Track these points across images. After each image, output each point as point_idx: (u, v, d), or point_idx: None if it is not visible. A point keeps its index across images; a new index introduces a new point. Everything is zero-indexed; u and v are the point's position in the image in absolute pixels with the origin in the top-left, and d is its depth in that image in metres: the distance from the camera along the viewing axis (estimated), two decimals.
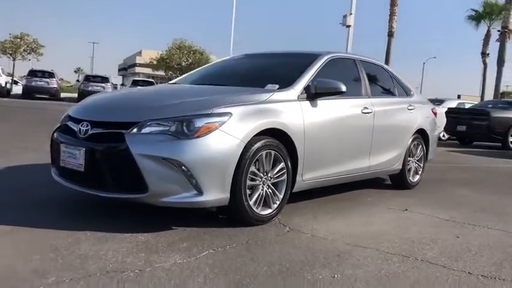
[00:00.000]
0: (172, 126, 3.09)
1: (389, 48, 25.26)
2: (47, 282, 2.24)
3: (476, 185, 6.22)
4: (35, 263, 2.48)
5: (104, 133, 3.20)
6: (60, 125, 3.63)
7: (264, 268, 2.61)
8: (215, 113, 3.18)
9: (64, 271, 2.39)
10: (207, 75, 4.71)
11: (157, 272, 2.46)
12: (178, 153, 3.00)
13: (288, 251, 2.95)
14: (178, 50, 37.03)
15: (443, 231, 3.67)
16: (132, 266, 2.53)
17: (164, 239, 3.01)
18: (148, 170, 2.99)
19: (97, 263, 2.53)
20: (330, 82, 3.94)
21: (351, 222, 3.81)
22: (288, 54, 4.91)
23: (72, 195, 3.97)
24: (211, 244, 2.97)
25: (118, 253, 2.70)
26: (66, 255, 2.61)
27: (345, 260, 2.84)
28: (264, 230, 3.35)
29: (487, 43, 29.98)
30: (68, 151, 3.28)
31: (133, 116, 3.18)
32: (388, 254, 3.00)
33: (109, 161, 3.11)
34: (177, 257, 2.71)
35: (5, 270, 2.37)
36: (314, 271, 2.61)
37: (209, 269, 2.56)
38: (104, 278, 2.34)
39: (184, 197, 3.07)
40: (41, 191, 4.15)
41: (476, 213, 4.39)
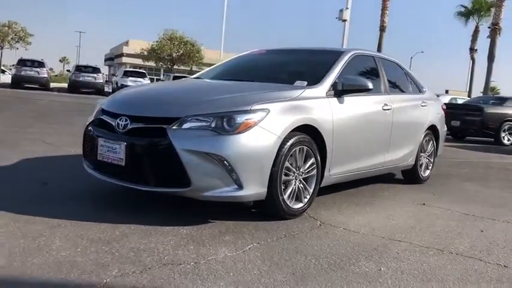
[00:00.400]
0: (213, 122, 3.15)
1: (381, 42, 25.50)
2: (111, 274, 2.31)
3: (481, 180, 6.40)
4: (93, 256, 2.54)
5: (145, 128, 3.26)
6: (94, 119, 3.66)
7: (312, 261, 2.71)
8: (254, 109, 3.25)
9: (123, 264, 2.45)
10: (232, 71, 4.77)
11: (212, 264, 2.54)
12: (221, 148, 3.07)
13: (327, 244, 3.05)
14: (169, 41, 36.81)
15: (466, 225, 3.81)
16: (186, 258, 2.60)
17: (206, 232, 3.08)
18: (191, 164, 3.06)
19: (151, 256, 2.60)
20: (357, 79, 4.04)
21: (375, 216, 3.92)
22: (311, 51, 4.99)
23: (105, 189, 4.04)
24: (252, 237, 3.05)
25: (167, 246, 2.77)
26: (119, 248, 2.68)
27: (384, 253, 2.95)
28: (297, 224, 3.44)
29: (475, 39, 30.43)
30: (107, 145, 3.32)
31: (174, 112, 3.24)
32: (423, 248, 3.12)
33: (151, 155, 3.17)
34: (225, 249, 2.79)
35: (66, 261, 2.43)
36: (360, 264, 2.72)
37: (260, 261, 2.64)
38: (164, 270, 2.41)
39: (224, 192, 3.14)
40: (75, 184, 4.19)
41: (491, 208, 4.54)
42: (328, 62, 4.28)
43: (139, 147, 3.20)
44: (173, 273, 2.38)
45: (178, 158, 3.05)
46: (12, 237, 2.74)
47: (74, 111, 13.18)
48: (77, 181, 4.30)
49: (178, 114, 3.20)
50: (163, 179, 3.18)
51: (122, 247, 2.70)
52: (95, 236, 2.86)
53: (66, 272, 2.31)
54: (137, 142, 3.21)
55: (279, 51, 5.16)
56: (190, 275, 2.38)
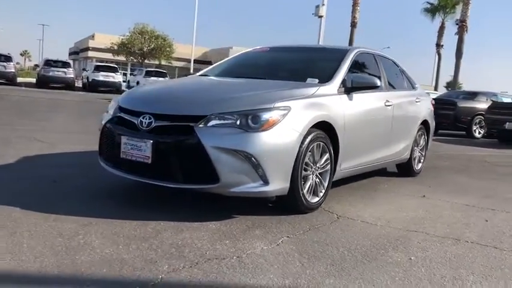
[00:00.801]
0: (239, 119, 3.23)
1: (352, 38, 25.92)
2: (163, 270, 2.36)
3: (467, 172, 6.71)
4: (137, 252, 2.58)
5: (171, 126, 3.30)
6: (113, 116, 3.67)
7: (345, 253, 2.83)
8: (277, 106, 3.34)
9: (170, 259, 2.51)
10: (241, 68, 4.83)
11: (254, 258, 2.63)
12: (249, 145, 3.15)
13: (351, 236, 3.18)
14: (140, 35, 36.29)
15: (470, 215, 4.01)
16: (227, 252, 2.67)
17: (234, 227, 3.16)
18: (220, 161, 3.12)
19: (193, 251, 2.66)
20: (366, 77, 4.19)
21: (384, 208, 4.08)
22: (314, 49, 5.12)
23: (121, 186, 4.08)
24: (279, 231, 3.15)
25: (203, 241, 2.84)
26: (159, 245, 2.73)
27: (407, 244, 3.10)
28: (317, 217, 3.56)
29: (441, 35, 31.31)
30: (131, 143, 3.35)
31: (200, 110, 3.30)
32: (439, 238, 3.29)
33: (179, 153, 3.21)
34: (260, 243, 2.88)
35: (113, 259, 2.46)
36: (390, 254, 2.86)
37: (298, 254, 2.75)
38: (211, 264, 2.48)
39: (251, 187, 3.23)
40: (89, 182, 4.19)
41: (486, 199, 4.78)
42: (335, 60, 4.40)
43: (167, 145, 3.24)
44: (221, 268, 2.45)
45: (207, 155, 3.11)
46: (49, 236, 2.75)
47: (51, 107, 12.92)
48: (90, 179, 4.31)
49: (204, 112, 3.26)
50: (191, 175, 3.24)
51: (161, 243, 2.75)
52: (129, 233, 2.89)
53: (118, 269, 2.35)
54: (164, 140, 3.25)
55: (283, 48, 5.25)
56: (237, 268, 2.46)
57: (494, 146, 12.13)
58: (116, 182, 4.13)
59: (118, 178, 4.03)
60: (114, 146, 3.50)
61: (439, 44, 31.34)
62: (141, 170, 3.38)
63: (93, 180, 4.24)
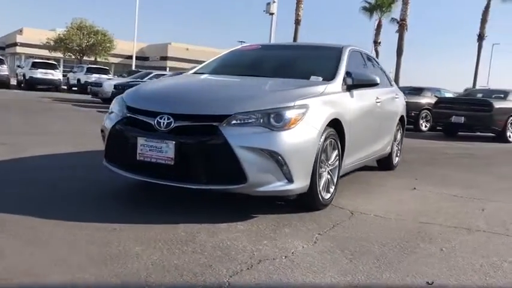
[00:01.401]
0: (262, 118, 3.21)
1: (296, 35, 26.33)
2: (223, 274, 2.32)
3: (438, 165, 7.07)
4: (186, 257, 2.51)
5: (193, 126, 3.22)
6: (122, 117, 3.52)
7: (381, 247, 2.90)
8: (297, 105, 3.35)
9: (223, 262, 2.47)
10: (240, 66, 4.76)
11: (302, 257, 2.64)
12: (276, 144, 3.14)
13: (376, 231, 3.26)
14: (78, 30, 34.70)
15: (467, 206, 4.24)
16: (272, 253, 2.66)
17: (262, 227, 3.15)
18: (247, 161, 3.09)
19: (240, 253, 2.62)
20: (366, 75, 4.30)
21: (384, 201, 4.21)
22: (308, 47, 5.16)
23: (122, 188, 3.96)
24: (307, 229, 3.17)
25: (242, 242, 2.81)
26: (202, 248, 2.67)
27: (429, 235, 3.22)
28: (333, 213, 3.61)
29: (378, 33, 32.55)
30: (150, 145, 3.23)
31: (222, 109, 3.24)
32: (452, 228, 3.45)
33: (205, 153, 3.15)
34: (299, 242, 2.88)
35: (166, 264, 2.38)
36: (422, 246, 2.97)
37: (340, 251, 2.78)
38: (266, 265, 2.47)
39: (277, 186, 3.22)
40: (88, 186, 4.00)
41: (470, 189, 5.05)
42: (332, 58, 4.48)
43: (191, 146, 3.16)
44: (278, 268, 2.44)
45: (234, 155, 3.07)
46: (81, 244, 2.62)
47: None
48: (87, 182, 4.12)
49: (227, 111, 3.21)
50: (217, 176, 3.18)
51: (203, 246, 2.69)
52: (163, 237, 2.81)
53: (178, 275, 2.28)
54: (188, 141, 3.16)
55: (275, 46, 5.28)
56: (293, 268, 2.46)
57: (442, 138, 12.81)
58: (117, 184, 4.02)
59: (117, 180, 3.98)
60: (128, 148, 3.36)
61: (376, 41, 32.58)
62: (162, 172, 3.27)
63: (91, 184, 4.06)
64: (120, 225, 2.98)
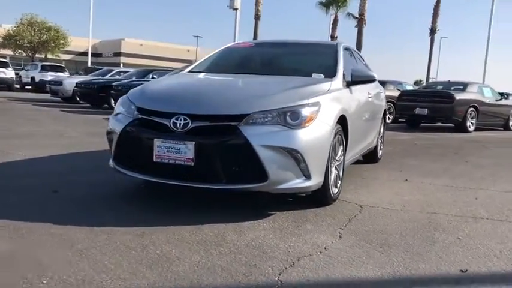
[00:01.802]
0: (280, 116, 3.26)
1: (257, 30, 26.41)
2: (270, 272, 2.36)
3: (415, 156, 7.35)
4: (225, 257, 2.53)
5: (212, 126, 3.22)
6: (133, 119, 3.46)
7: (403, 238, 3.03)
8: (311, 102, 3.42)
9: (265, 261, 2.50)
10: (238, 64, 4.76)
11: (336, 252, 2.71)
12: (295, 142, 3.20)
13: (391, 223, 3.38)
14: (29, 26, 33.24)
15: (460, 195, 4.45)
16: (306, 249, 2.72)
17: (285, 224, 3.20)
18: (268, 159, 3.13)
19: (276, 251, 2.67)
20: (364, 71, 4.41)
21: (384, 193, 4.35)
22: (302, 44, 5.23)
23: (126, 191, 3.90)
24: (327, 224, 3.25)
25: (274, 240, 2.86)
26: (236, 247, 2.69)
27: (440, 225, 3.37)
28: (343, 207, 3.71)
29: (335, 27, 33.08)
30: (168, 146, 3.21)
31: (240, 109, 3.26)
32: (459, 217, 3.62)
33: (225, 153, 3.16)
34: (326, 237, 2.96)
35: (209, 266, 2.39)
36: (440, 237, 3.11)
37: (368, 244, 2.88)
38: (307, 262, 2.52)
39: (296, 183, 3.28)
40: (92, 190, 3.91)
41: (456, 179, 5.30)
42: (328, 55, 4.58)
43: (212, 146, 3.16)
44: (319, 264, 2.51)
45: (255, 154, 3.10)
46: (120, 250, 2.58)
47: None
48: (90, 186, 4.05)
49: (245, 111, 3.23)
50: (238, 176, 3.21)
51: (236, 246, 2.72)
52: (194, 238, 2.82)
53: (228, 276, 2.30)
54: (208, 141, 3.17)
55: (269, 43, 5.29)
56: (334, 263, 2.53)
57: (406, 129, 13.25)
58: (123, 187, 3.97)
59: (123, 183, 3.97)
60: (143, 150, 3.33)
61: (333, 36, 33.06)
62: (181, 173, 3.25)
63: (95, 187, 4.00)
64: (145, 228, 2.96)
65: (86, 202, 3.56)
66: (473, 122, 13.20)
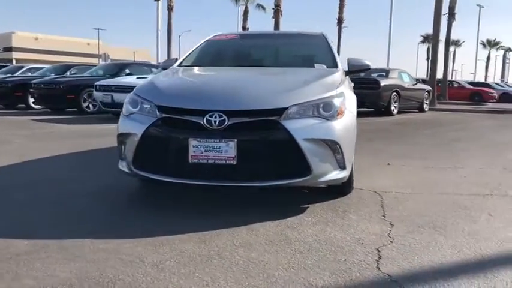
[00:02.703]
0: (314, 108, 3.21)
1: (170, 22, 25.78)
2: (365, 265, 2.34)
3: (371, 140, 7.63)
4: (310, 256, 2.47)
5: (251, 122, 3.10)
6: (157, 118, 3.21)
7: (447, 219, 3.15)
8: (338, 93, 3.42)
9: (349, 256, 2.48)
10: (234, 57, 4.60)
11: (403, 238, 2.76)
12: (334, 133, 3.18)
13: (418, 206, 3.50)
14: None
15: (446, 175, 4.73)
16: (375, 239, 2.73)
17: (328, 216, 3.19)
18: (311, 153, 3.08)
19: (348, 244, 2.65)
20: (361, 60, 4.48)
21: (383, 178, 4.47)
22: (286, 35, 5.19)
23: (150, 193, 3.67)
24: (365, 213, 3.28)
25: (336, 234, 2.84)
26: (307, 245, 2.64)
27: (464, 204, 3.55)
28: (362, 195, 3.78)
29: (246, 18, 33.33)
30: (206, 145, 3.03)
31: (278, 102, 3.16)
32: (465, 195, 3.84)
33: (269, 149, 3.05)
34: (377, 226, 2.99)
35: (303, 267, 2.32)
36: (474, 215, 3.28)
37: (422, 228, 2.96)
38: (388, 251, 2.54)
39: (334, 175, 3.26)
40: (109, 197, 3.59)
41: (429, 160, 5.63)
42: (320, 45, 4.63)
43: (254, 143, 3.04)
44: (404, 251, 2.53)
45: (299, 148, 3.04)
46: (193, 260, 2.41)
47: None
48: (100, 194, 3.71)
49: (283, 104, 3.14)
50: (282, 171, 3.12)
51: (306, 243, 2.67)
52: (259, 239, 2.72)
53: (332, 276, 2.24)
54: (250, 138, 3.04)
55: (255, 35, 5.19)
56: (416, 249, 2.57)
57: None
58: (134, 191, 3.70)
59: (131, 187, 3.66)
60: (175, 151, 3.12)
61: (244, 27, 33.29)
62: (221, 173, 3.09)
63: (106, 194, 3.68)
64: (198, 234, 2.79)
65: (108, 212, 3.27)
66: (396, 105, 14.07)
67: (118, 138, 3.45)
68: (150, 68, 14.15)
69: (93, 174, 4.44)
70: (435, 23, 21.25)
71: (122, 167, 3.46)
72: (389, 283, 2.16)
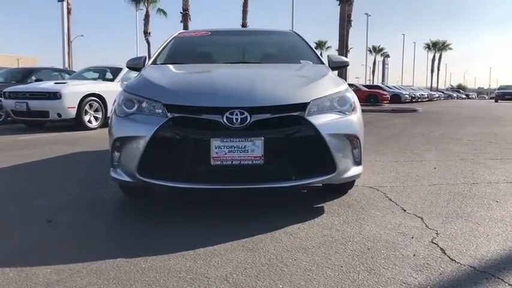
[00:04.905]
0: (331, 103, 3.10)
1: (69, 25, 24.19)
2: (444, 258, 2.26)
3: None
4: (376, 255, 2.34)
5: (276, 118, 2.89)
6: (168, 119, 2.88)
7: (467, 209, 3.20)
8: (347, 87, 3.35)
9: (429, 250, 2.39)
10: (216, 54, 4.32)
11: (446, 232, 2.72)
12: (354, 128, 3.09)
13: (429, 197, 3.54)
14: None
15: (417, 168, 4.86)
16: (423, 234, 2.67)
17: (350, 216, 3.08)
18: (335, 149, 2.95)
19: (404, 240, 2.57)
20: (341, 57, 4.45)
21: (370, 174, 4.47)
22: (259, 32, 5.01)
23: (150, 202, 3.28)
24: (385, 207, 3.25)
25: (374, 231, 2.74)
26: (361, 243, 2.51)
27: (461, 194, 3.65)
28: (365, 191, 3.73)
29: (147, 23, 32.43)
30: (230, 145, 2.77)
31: (300, 97, 2.98)
32: (455, 185, 3.97)
33: (295, 147, 2.87)
34: (411, 221, 2.95)
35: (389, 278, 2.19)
36: (485, 202, 3.38)
37: (453, 221, 2.97)
38: (449, 244, 2.49)
39: (354, 171, 3.13)
40: (98, 216, 3.13)
41: (386, 155, 5.78)
42: (297, 42, 4.54)
43: (282, 141, 2.84)
44: (463, 244, 2.49)
45: (326, 145, 2.90)
46: (261, 271, 2.16)
47: None
48: (93, 211, 3.24)
49: (304, 99, 2.98)
50: (309, 169, 2.95)
51: (359, 242, 2.55)
52: (305, 244, 2.54)
53: (421, 272, 2.13)
54: (277, 135, 2.84)
55: (227, 32, 4.93)
56: (467, 244, 2.54)
57: None
58: (132, 202, 3.31)
59: (126, 198, 3.32)
60: (195, 154, 2.82)
61: (146, 32, 32.38)
62: (247, 175, 2.84)
63: (99, 213, 3.23)
64: (239, 242, 2.54)
65: (121, 227, 2.87)
66: None
67: (114, 143, 3.04)
68: (60, 73, 13.09)
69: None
70: (341, 30, 22.28)
71: (116, 175, 3.07)
72: (480, 274, 2.09)
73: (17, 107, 9.36)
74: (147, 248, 2.42)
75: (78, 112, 9.26)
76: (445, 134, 8.67)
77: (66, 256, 2.32)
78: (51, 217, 3.03)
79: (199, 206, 3.32)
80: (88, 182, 4.09)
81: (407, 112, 18.44)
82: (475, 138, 7.80)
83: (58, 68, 14.49)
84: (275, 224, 2.82)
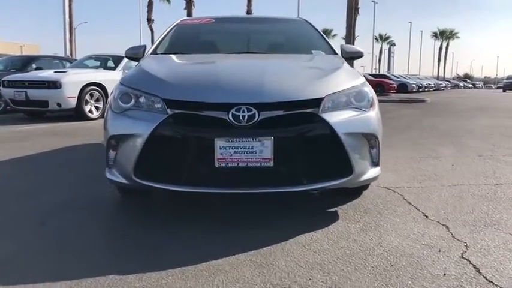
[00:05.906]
0: (350, 98, 2.81)
1: (71, 15, 23.84)
2: (486, 270, 1.99)
3: None
4: (389, 278, 2.07)
5: (287, 116, 2.60)
6: (167, 116, 2.59)
7: (497, 215, 2.93)
8: (364, 81, 3.05)
9: (462, 260, 2.12)
10: (224, 43, 4.03)
11: (475, 241, 2.46)
12: (373, 126, 2.80)
13: (451, 200, 3.27)
14: None
15: (437, 165, 4.58)
16: (451, 244, 2.41)
17: (369, 222, 2.82)
18: (351, 149, 2.67)
19: (434, 251, 2.30)
20: (354, 47, 4.14)
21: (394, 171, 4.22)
22: (266, 19, 4.71)
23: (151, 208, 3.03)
24: (405, 212, 2.98)
25: (397, 241, 2.47)
26: (390, 253, 2.24)
27: (485, 197, 3.37)
28: (380, 193, 3.46)
29: (151, 10, 32.03)
30: (235, 145, 2.49)
31: (313, 92, 2.69)
32: (477, 186, 3.70)
33: (308, 147, 2.58)
34: (435, 229, 2.68)
35: None
36: (509, 207, 3.10)
37: (479, 228, 2.70)
38: (485, 253, 2.22)
39: (371, 173, 2.85)
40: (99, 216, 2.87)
41: (407, 150, 5.49)
42: (308, 30, 4.25)
43: (294, 140, 2.55)
44: (495, 258, 2.22)
45: (342, 145, 2.62)
46: None
47: None
48: (93, 212, 2.99)
49: (318, 94, 2.68)
50: (323, 172, 2.66)
51: (388, 252, 2.28)
52: (327, 257, 2.25)
53: None
54: (288, 134, 2.55)
55: (233, 19, 4.64)
56: (498, 253, 2.28)
57: None
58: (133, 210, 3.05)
59: (125, 203, 3.06)
60: (197, 155, 2.54)
61: (150, 19, 32.00)
62: (255, 179, 2.57)
63: (100, 213, 2.97)
64: (246, 255, 2.28)
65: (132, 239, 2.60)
66: None
67: (109, 141, 2.77)
68: (61, 62, 12.79)
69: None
70: (348, 18, 21.85)
71: (112, 176, 2.80)
72: None
73: (15, 96, 9.10)
74: (142, 263, 2.16)
75: (78, 102, 9.00)
76: (456, 126, 8.37)
77: (50, 272, 2.06)
78: (45, 218, 2.79)
79: (201, 211, 3.04)
80: (85, 180, 3.83)
81: (415, 102, 18.09)
82: (488, 131, 7.51)
83: (59, 56, 14.19)
84: (285, 233, 2.56)
